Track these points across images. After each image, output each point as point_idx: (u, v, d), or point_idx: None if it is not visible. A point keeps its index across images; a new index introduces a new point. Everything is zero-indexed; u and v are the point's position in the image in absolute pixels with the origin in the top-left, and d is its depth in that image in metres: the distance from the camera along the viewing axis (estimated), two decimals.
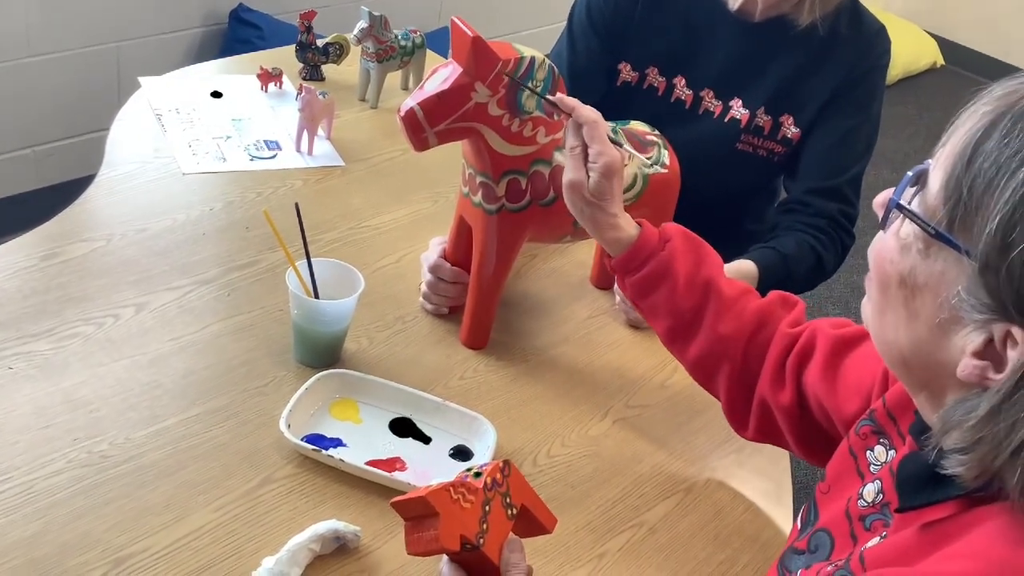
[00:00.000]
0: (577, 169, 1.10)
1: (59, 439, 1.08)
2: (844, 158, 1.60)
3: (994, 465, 0.68)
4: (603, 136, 1.10)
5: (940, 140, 0.74)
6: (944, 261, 0.70)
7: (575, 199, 1.12)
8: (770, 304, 1.13)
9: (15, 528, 0.98)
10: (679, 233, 1.14)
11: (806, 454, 1.10)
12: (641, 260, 1.12)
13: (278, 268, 1.38)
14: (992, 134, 0.68)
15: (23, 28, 2.45)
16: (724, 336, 1.11)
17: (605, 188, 1.10)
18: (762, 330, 1.11)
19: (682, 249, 1.12)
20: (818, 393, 1.04)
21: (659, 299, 1.12)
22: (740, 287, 1.14)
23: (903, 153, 3.89)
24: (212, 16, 2.78)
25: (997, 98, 0.70)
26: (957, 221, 0.69)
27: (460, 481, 0.87)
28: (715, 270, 1.13)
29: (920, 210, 0.73)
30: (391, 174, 1.66)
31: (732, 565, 1.11)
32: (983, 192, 0.67)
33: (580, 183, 1.10)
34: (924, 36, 4.66)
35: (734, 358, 1.11)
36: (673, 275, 1.11)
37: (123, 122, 1.65)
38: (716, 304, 1.11)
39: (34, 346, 1.18)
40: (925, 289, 0.72)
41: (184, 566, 0.97)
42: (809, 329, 1.09)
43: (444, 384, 1.25)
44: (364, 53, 1.79)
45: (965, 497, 0.72)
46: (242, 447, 1.11)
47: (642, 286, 1.13)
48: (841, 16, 1.55)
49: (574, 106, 1.11)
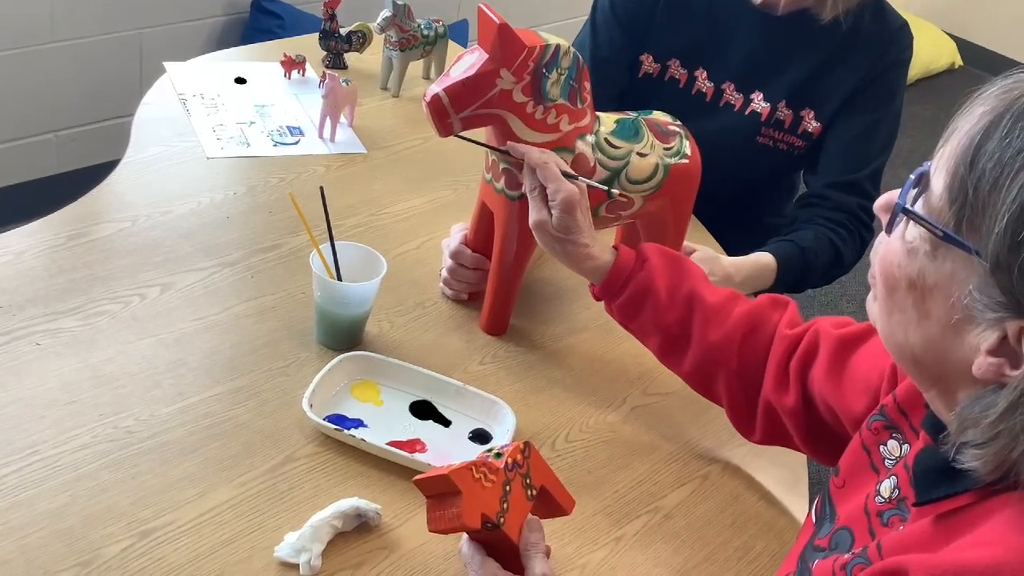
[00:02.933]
0: (539, 210, 1.15)
1: (85, 414, 1.09)
2: (865, 153, 1.61)
3: (1011, 458, 0.69)
4: (556, 174, 1.13)
5: (939, 141, 0.74)
6: (953, 262, 0.71)
7: (544, 238, 1.16)
8: (759, 306, 1.15)
9: (42, 500, 0.99)
10: (656, 251, 1.16)
11: (814, 453, 1.11)
12: (621, 283, 1.15)
13: (300, 252, 1.39)
14: (993, 134, 0.68)
15: (47, 14, 2.47)
16: (715, 344, 1.12)
17: (570, 222, 1.14)
18: (754, 333, 1.13)
19: (660, 266, 1.15)
20: (824, 393, 1.05)
21: (645, 318, 1.15)
22: (725, 294, 1.16)
23: (920, 153, 3.88)
24: (234, 5, 2.80)
25: (994, 97, 0.71)
26: (964, 222, 0.69)
27: (482, 461, 0.89)
28: (697, 281, 1.15)
29: (924, 212, 0.73)
30: (412, 162, 1.67)
31: (748, 551, 1.12)
32: (989, 192, 0.68)
33: (544, 222, 1.14)
34: (943, 36, 4.65)
35: (728, 364, 1.13)
36: (655, 292, 1.14)
37: (149, 106, 1.67)
38: (702, 314, 1.13)
39: (62, 323, 1.20)
40: (935, 290, 0.73)
41: (208, 540, 0.99)
42: (811, 330, 1.10)
43: (464, 369, 1.26)
44: (387, 42, 1.80)
45: (980, 488, 0.73)
46: (265, 426, 1.13)
47: (627, 308, 1.16)
48: (864, 11, 1.56)
49: (524, 151, 1.16)
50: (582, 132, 1.23)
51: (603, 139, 1.25)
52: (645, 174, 1.29)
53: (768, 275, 1.47)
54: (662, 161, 1.31)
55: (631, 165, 1.27)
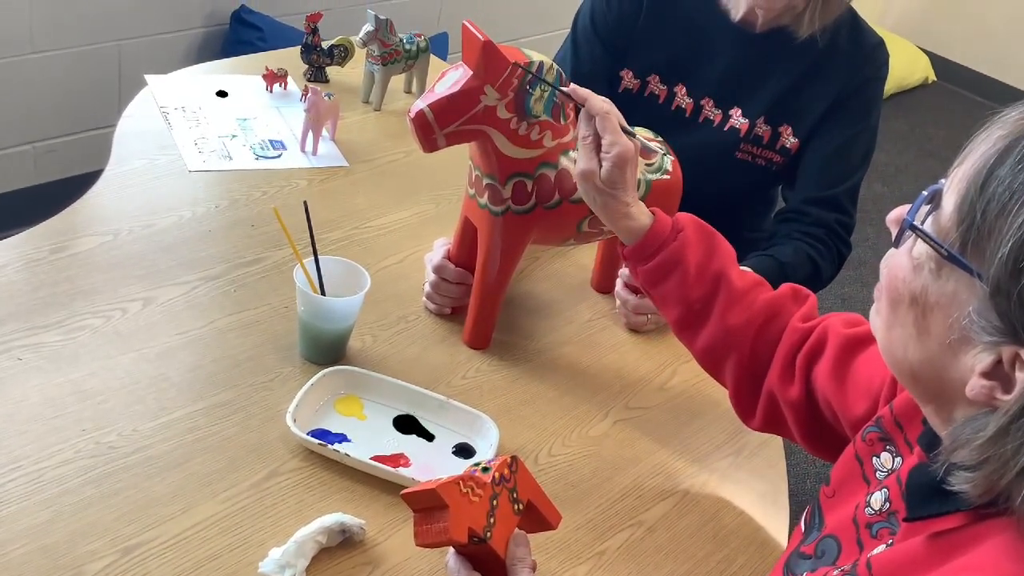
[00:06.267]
0: (589, 159, 1.12)
1: (68, 429, 1.09)
2: (842, 169, 1.63)
3: (1000, 484, 0.69)
4: (615, 127, 1.11)
5: (954, 160, 0.74)
6: (956, 282, 0.71)
7: (587, 188, 1.13)
8: (781, 297, 1.14)
9: (25, 516, 0.99)
10: (692, 223, 1.14)
11: (811, 448, 1.11)
12: (653, 249, 1.12)
13: (283, 266, 1.39)
14: (1006, 160, 0.69)
15: (26, 25, 2.46)
16: (733, 327, 1.11)
17: (617, 177, 1.11)
18: (772, 322, 1.12)
19: (694, 239, 1.13)
20: (826, 391, 1.05)
21: (670, 288, 1.13)
22: (752, 279, 1.15)
23: (894, 167, 3.93)
24: (214, 16, 2.80)
25: (1012, 122, 0.71)
26: (970, 244, 0.70)
27: (469, 475, 0.89)
28: (727, 261, 1.14)
29: (933, 230, 0.73)
30: (394, 175, 1.68)
31: (729, 565, 1.13)
32: (996, 217, 0.68)
33: (592, 172, 1.11)
34: (916, 52, 4.71)
35: (742, 349, 1.11)
36: (684, 265, 1.12)
37: (130, 119, 1.67)
38: (726, 295, 1.12)
39: (43, 337, 1.20)
40: (936, 308, 0.73)
41: (192, 556, 0.99)
42: (821, 326, 1.10)
43: (447, 383, 1.27)
44: (369, 56, 1.81)
45: (972, 510, 0.73)
46: (248, 440, 1.13)
47: (653, 275, 1.13)
48: (841, 29, 1.58)
49: (586, 96, 1.13)
50: (566, 148, 1.24)
51: None
52: None
53: None
54: (644, 177, 1.32)
55: None
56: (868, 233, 3.25)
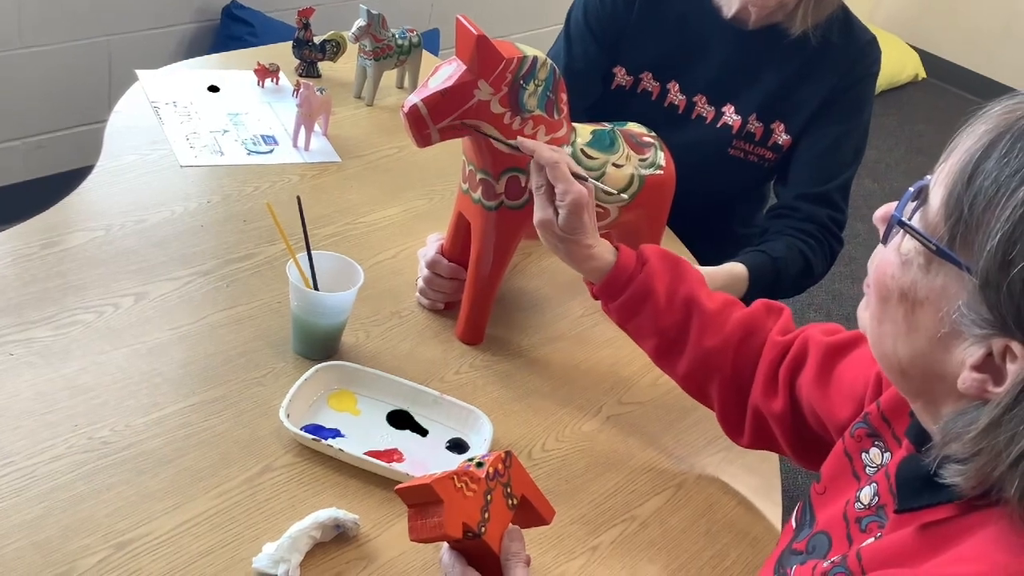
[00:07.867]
0: (544, 208, 1.14)
1: (60, 425, 1.08)
2: (834, 165, 1.63)
3: (993, 476, 0.70)
4: (566, 175, 1.13)
5: (940, 156, 0.75)
6: (945, 276, 0.72)
7: (548, 236, 1.15)
8: (754, 313, 1.16)
9: (17, 511, 0.98)
10: (656, 254, 1.16)
11: (801, 460, 1.12)
12: (621, 284, 1.15)
13: (276, 261, 1.39)
14: (992, 153, 0.69)
15: (15, 20, 2.44)
16: (710, 349, 1.13)
17: (575, 223, 1.13)
18: (748, 339, 1.13)
19: (660, 269, 1.15)
20: (811, 400, 1.06)
21: (643, 320, 1.15)
22: (722, 299, 1.16)
23: (884, 164, 3.94)
24: (204, 12, 2.79)
25: (996, 116, 0.72)
26: (958, 238, 0.70)
27: (463, 470, 0.89)
28: (695, 286, 1.16)
29: (921, 226, 0.74)
30: (387, 171, 1.68)
31: (722, 559, 1.13)
32: (983, 210, 0.69)
33: (549, 221, 1.14)
34: (907, 49, 4.72)
35: (723, 370, 1.13)
36: (654, 295, 1.14)
37: (121, 114, 1.66)
38: (699, 319, 1.14)
39: (35, 333, 1.19)
40: (926, 303, 0.74)
41: (186, 551, 0.98)
42: (801, 337, 1.11)
43: (440, 378, 1.27)
44: (361, 51, 1.80)
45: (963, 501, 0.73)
46: (241, 436, 1.12)
47: (625, 309, 1.16)
48: (833, 26, 1.58)
49: (534, 148, 1.15)
50: (559, 143, 1.24)
51: (579, 150, 1.26)
52: (621, 185, 1.30)
53: (740, 285, 1.49)
54: (637, 172, 1.32)
55: (607, 176, 1.28)
56: (859, 229, 3.26)
